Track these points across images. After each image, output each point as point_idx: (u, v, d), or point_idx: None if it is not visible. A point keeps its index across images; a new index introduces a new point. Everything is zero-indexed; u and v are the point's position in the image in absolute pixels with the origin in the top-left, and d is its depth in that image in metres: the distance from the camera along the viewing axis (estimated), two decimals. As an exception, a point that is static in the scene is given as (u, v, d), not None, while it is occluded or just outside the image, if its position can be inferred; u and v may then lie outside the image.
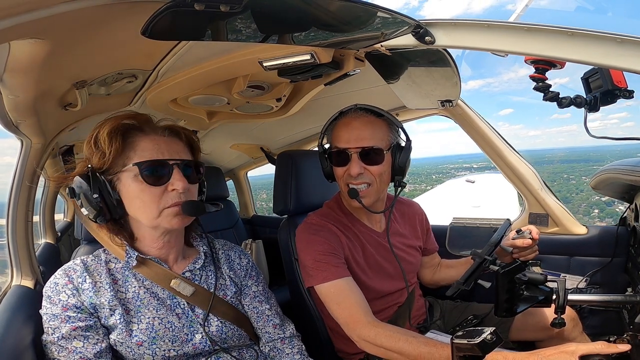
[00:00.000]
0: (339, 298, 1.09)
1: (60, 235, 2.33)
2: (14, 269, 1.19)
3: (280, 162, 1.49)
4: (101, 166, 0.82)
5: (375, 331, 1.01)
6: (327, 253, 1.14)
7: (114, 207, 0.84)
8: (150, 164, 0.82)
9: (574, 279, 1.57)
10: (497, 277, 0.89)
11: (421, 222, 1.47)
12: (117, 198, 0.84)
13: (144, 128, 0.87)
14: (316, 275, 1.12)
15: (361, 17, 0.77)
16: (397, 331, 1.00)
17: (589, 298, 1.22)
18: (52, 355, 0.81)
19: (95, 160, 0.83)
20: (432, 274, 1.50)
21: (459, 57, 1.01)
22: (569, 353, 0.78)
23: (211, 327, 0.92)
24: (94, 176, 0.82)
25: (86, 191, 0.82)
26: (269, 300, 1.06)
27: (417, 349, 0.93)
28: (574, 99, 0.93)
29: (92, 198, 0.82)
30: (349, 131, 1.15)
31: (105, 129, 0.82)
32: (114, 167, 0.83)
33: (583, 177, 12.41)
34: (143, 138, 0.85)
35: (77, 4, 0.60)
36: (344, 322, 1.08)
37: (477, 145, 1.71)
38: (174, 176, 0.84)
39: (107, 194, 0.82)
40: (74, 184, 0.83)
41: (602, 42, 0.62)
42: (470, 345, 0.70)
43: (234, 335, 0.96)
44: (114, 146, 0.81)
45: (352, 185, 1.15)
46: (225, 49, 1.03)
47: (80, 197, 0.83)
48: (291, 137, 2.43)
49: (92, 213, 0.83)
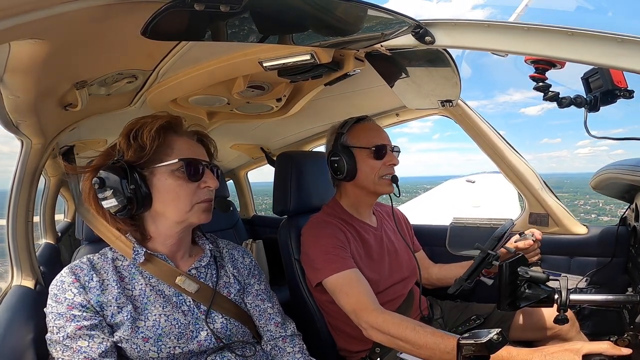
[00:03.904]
0: (347, 288, 1.14)
1: (60, 236, 2.33)
2: (14, 269, 1.19)
3: (280, 163, 1.49)
4: (137, 160, 0.86)
5: (383, 318, 1.05)
6: (336, 246, 1.19)
7: (142, 200, 0.86)
8: (191, 161, 0.89)
9: (574, 279, 1.57)
10: (499, 270, 0.90)
11: (405, 221, 1.58)
12: (147, 192, 0.87)
13: (177, 130, 0.93)
14: (325, 268, 1.17)
15: (361, 17, 0.77)
16: (404, 319, 1.04)
17: (590, 298, 1.22)
18: (57, 355, 0.80)
19: (130, 153, 0.86)
20: (427, 273, 1.53)
21: (459, 57, 1.02)
22: (574, 351, 0.81)
23: (215, 323, 0.93)
24: (130, 169, 0.85)
25: (116, 183, 0.83)
26: (271, 299, 1.08)
27: (423, 337, 0.96)
28: (574, 98, 0.93)
29: (125, 190, 0.84)
30: (380, 131, 1.33)
31: (150, 126, 0.87)
32: (150, 162, 0.87)
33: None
34: (177, 138, 0.92)
35: (77, 4, 0.60)
36: (352, 310, 1.11)
37: (477, 145, 1.70)
38: (206, 174, 0.92)
39: (139, 187, 0.85)
40: (102, 175, 0.85)
41: (602, 42, 0.62)
42: (477, 345, 0.73)
43: (238, 332, 0.97)
44: (157, 142, 0.86)
45: (386, 176, 1.29)
46: (225, 49, 1.03)
47: (107, 189, 0.84)
48: (291, 137, 2.43)
49: (119, 206, 0.85)
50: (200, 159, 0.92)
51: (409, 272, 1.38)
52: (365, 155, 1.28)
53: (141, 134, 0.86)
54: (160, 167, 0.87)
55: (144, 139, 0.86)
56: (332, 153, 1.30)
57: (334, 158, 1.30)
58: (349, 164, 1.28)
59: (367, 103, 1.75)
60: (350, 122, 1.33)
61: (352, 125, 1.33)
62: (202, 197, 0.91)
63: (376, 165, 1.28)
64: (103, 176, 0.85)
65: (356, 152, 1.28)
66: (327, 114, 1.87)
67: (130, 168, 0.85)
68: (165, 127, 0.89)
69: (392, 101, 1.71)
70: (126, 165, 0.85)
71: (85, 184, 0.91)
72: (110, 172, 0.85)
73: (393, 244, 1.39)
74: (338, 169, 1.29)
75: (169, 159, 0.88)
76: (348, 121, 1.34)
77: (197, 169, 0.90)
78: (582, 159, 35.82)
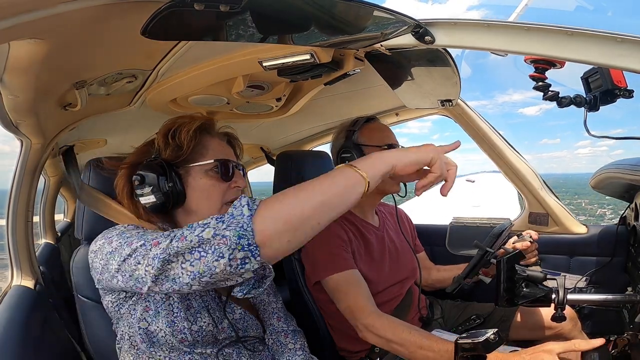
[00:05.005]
0: (346, 288, 1.15)
1: (60, 236, 2.33)
2: (14, 269, 1.19)
3: (280, 162, 1.49)
4: (174, 159, 0.90)
5: (380, 321, 1.07)
6: (338, 246, 1.21)
7: (177, 198, 0.89)
8: (226, 162, 0.93)
9: (574, 279, 1.57)
10: (497, 266, 0.91)
11: (408, 221, 1.58)
12: (182, 190, 0.89)
13: (210, 131, 0.98)
14: (325, 267, 1.18)
15: (361, 16, 0.77)
16: (400, 323, 1.06)
17: (589, 297, 1.22)
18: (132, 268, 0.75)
19: (168, 152, 0.90)
20: (426, 274, 1.52)
21: (458, 57, 1.01)
22: (548, 351, 0.85)
23: (235, 314, 0.95)
24: (168, 167, 0.88)
25: (155, 180, 0.87)
26: (275, 294, 1.10)
27: (418, 341, 0.99)
28: (573, 98, 0.93)
29: (163, 187, 0.87)
30: (389, 132, 1.37)
31: (188, 126, 0.91)
32: (186, 161, 0.91)
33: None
34: (211, 139, 0.96)
35: (77, 4, 0.60)
36: (349, 311, 1.13)
37: (477, 144, 1.71)
38: (236, 175, 0.95)
39: (176, 185, 0.88)
40: (141, 172, 0.88)
41: (601, 41, 0.62)
42: (474, 345, 0.73)
43: (252, 326, 0.99)
44: (193, 142, 0.90)
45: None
46: (225, 49, 1.03)
47: (146, 186, 0.87)
48: (291, 137, 2.43)
49: (157, 202, 0.87)
50: (231, 160, 0.96)
51: (409, 273, 1.39)
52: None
53: (179, 133, 0.90)
54: (195, 167, 0.91)
55: (182, 138, 0.89)
56: (344, 150, 1.31)
57: (346, 155, 1.30)
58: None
59: (367, 102, 1.75)
60: (362, 121, 1.35)
61: (362, 124, 1.34)
62: (231, 197, 0.94)
63: None
64: (143, 173, 0.88)
65: (367, 151, 1.29)
66: (327, 114, 1.87)
67: (169, 166, 0.88)
68: (201, 127, 0.93)
69: (392, 101, 1.71)
70: (165, 163, 0.88)
71: (120, 180, 0.94)
72: (150, 170, 0.88)
73: (394, 244, 1.39)
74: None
75: (203, 159, 0.92)
76: (359, 120, 1.35)
77: (228, 169, 0.93)
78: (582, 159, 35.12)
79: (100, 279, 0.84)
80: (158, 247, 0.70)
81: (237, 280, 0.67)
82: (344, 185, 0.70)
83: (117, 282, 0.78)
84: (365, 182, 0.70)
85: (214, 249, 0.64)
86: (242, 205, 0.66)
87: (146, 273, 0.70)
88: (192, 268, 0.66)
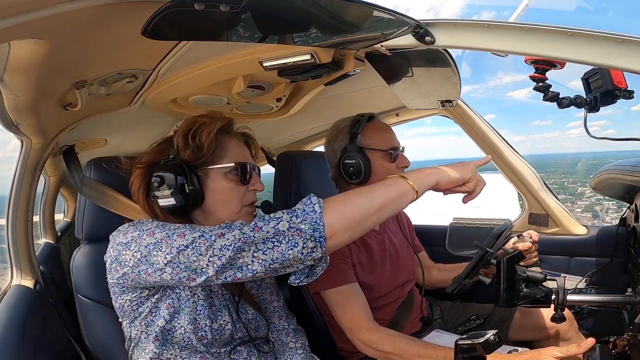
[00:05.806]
0: (344, 304, 1.15)
1: (60, 235, 2.32)
2: (14, 269, 1.19)
3: (280, 163, 1.49)
4: (193, 160, 0.88)
5: (377, 335, 1.08)
6: (338, 259, 1.18)
7: (196, 200, 0.88)
8: (244, 165, 0.92)
9: (573, 279, 1.57)
10: (497, 266, 0.92)
11: (408, 221, 1.57)
12: (201, 192, 0.88)
13: (229, 131, 0.96)
14: (324, 279, 1.13)
15: (361, 17, 0.77)
16: (397, 335, 1.08)
17: (589, 298, 1.22)
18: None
19: (187, 153, 0.88)
20: (427, 274, 1.51)
21: (459, 57, 1.01)
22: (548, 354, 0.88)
23: (247, 314, 0.95)
24: (189, 168, 0.87)
25: (174, 181, 0.85)
26: (278, 293, 1.11)
27: (416, 350, 1.01)
28: (574, 99, 0.93)
29: (185, 188, 0.86)
30: (391, 132, 1.33)
31: (209, 127, 0.89)
32: (205, 163, 0.89)
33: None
34: (229, 141, 0.95)
35: (77, 3, 0.60)
36: (347, 328, 1.14)
37: (477, 145, 1.71)
38: (254, 178, 0.95)
39: (196, 187, 0.87)
40: (161, 173, 0.86)
41: (602, 42, 0.62)
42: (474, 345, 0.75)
43: (262, 326, 0.99)
44: (214, 144, 0.89)
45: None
46: (225, 49, 1.03)
47: (166, 188, 0.85)
48: (291, 137, 2.43)
49: (176, 205, 0.86)
50: (250, 162, 0.95)
51: (410, 275, 1.38)
52: (380, 157, 1.24)
53: (199, 134, 0.88)
54: (214, 169, 0.90)
55: (203, 140, 0.88)
56: (347, 155, 1.24)
57: (350, 161, 1.23)
58: (366, 167, 1.22)
59: (367, 103, 1.75)
60: (363, 122, 1.28)
61: (364, 124, 1.28)
62: (249, 200, 0.94)
63: (391, 168, 1.25)
64: (163, 174, 0.86)
65: (370, 154, 1.24)
66: (328, 114, 1.87)
67: (189, 168, 0.87)
68: (222, 129, 0.92)
69: (392, 101, 1.71)
70: (186, 165, 0.87)
71: (135, 180, 0.91)
72: (170, 171, 0.86)
73: (395, 247, 1.38)
74: (354, 173, 1.22)
75: (223, 161, 0.91)
76: (360, 120, 1.28)
77: (246, 173, 0.92)
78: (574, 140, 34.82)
79: (127, 272, 0.80)
80: (223, 237, 0.73)
81: (298, 267, 0.76)
82: (397, 193, 0.82)
83: (162, 274, 0.76)
84: (414, 192, 0.82)
85: (288, 240, 0.72)
86: (313, 203, 0.76)
87: (209, 263, 0.73)
88: (264, 256, 0.72)
